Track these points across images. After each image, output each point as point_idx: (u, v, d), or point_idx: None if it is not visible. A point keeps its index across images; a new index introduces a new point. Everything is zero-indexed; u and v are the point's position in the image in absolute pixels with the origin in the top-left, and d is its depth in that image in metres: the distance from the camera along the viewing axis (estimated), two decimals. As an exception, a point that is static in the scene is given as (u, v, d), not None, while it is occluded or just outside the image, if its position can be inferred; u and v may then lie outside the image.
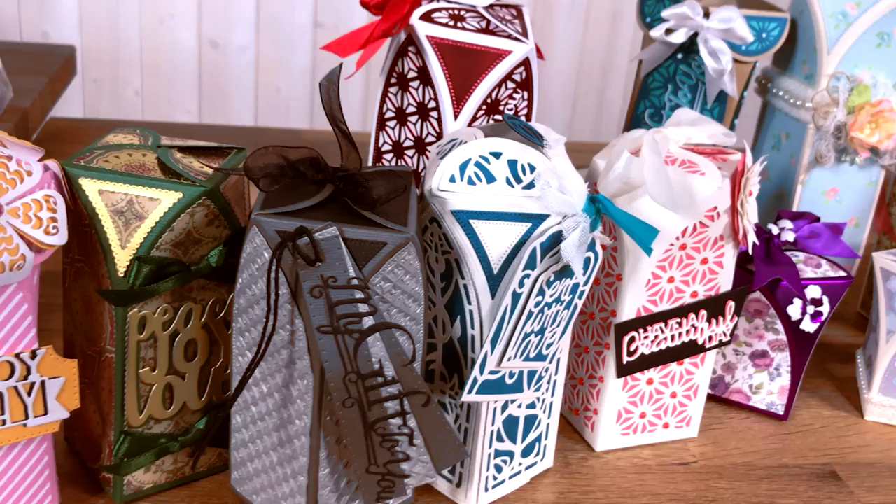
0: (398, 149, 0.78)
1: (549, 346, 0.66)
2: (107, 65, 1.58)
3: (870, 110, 0.88)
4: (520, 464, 0.71)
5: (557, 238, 0.62)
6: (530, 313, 0.63)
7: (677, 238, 0.70)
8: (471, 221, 0.61)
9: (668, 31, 0.89)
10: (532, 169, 0.62)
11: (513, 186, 0.62)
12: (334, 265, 0.56)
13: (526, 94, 0.76)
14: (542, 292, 0.62)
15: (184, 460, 0.68)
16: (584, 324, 0.77)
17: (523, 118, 0.78)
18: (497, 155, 0.62)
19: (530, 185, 0.62)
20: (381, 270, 0.57)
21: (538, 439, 0.72)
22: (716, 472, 0.76)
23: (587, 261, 0.65)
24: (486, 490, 0.69)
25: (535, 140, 0.64)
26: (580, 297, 0.67)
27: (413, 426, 0.60)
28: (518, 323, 0.62)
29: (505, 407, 0.67)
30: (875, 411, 0.85)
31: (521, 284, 0.61)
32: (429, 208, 0.63)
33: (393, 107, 0.77)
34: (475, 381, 0.63)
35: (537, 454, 0.72)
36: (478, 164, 0.62)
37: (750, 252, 0.74)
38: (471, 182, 0.62)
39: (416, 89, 0.75)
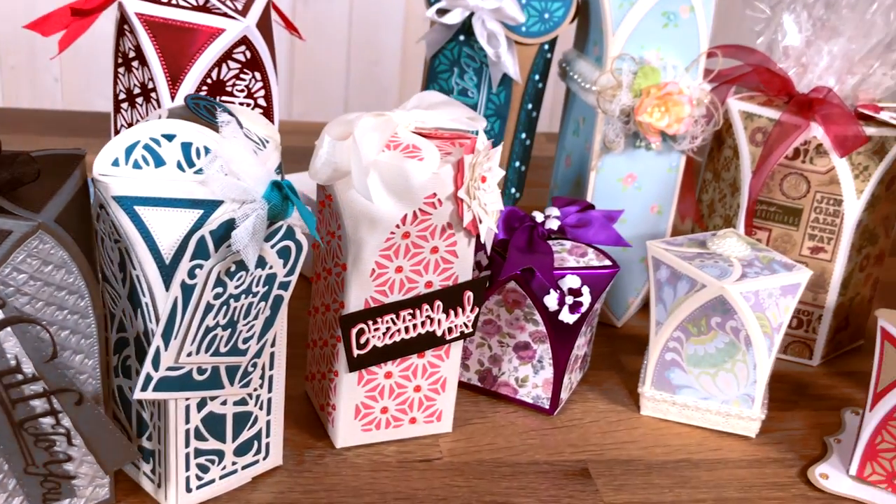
0: (133, 132, 0.75)
1: (247, 340, 0.63)
2: (24, 52, 1.53)
3: (655, 93, 0.85)
4: (234, 463, 0.68)
5: (231, 226, 0.58)
6: (210, 306, 0.59)
7: (398, 226, 0.67)
8: (136, 208, 0.58)
9: (443, 12, 0.85)
10: (209, 153, 0.59)
11: (184, 171, 0.59)
12: (-47, 255, 0.52)
13: (258, 75, 0.72)
14: (221, 283, 0.59)
15: None
16: (324, 316, 0.74)
17: (261, 100, 0.74)
18: (170, 137, 0.59)
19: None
20: (10, 260, 0.53)
21: (257, 437, 0.69)
22: (458, 469, 0.73)
23: (287, 251, 0.62)
24: (190, 490, 0.66)
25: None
26: (285, 289, 0.64)
27: (68, 425, 0.57)
28: (194, 316, 0.59)
29: (203, 404, 0.64)
30: (649, 406, 0.82)
31: (192, 275, 0.58)
32: (97, 194, 0.59)
33: (123, 88, 0.74)
34: (149, 377, 0.60)
35: (257, 452, 0.69)
36: (147, 147, 0.58)
37: (482, 241, 0.70)
38: (137, 166, 0.58)
39: (137, 69, 0.71)
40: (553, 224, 0.80)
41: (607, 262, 0.79)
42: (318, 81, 1.63)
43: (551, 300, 0.76)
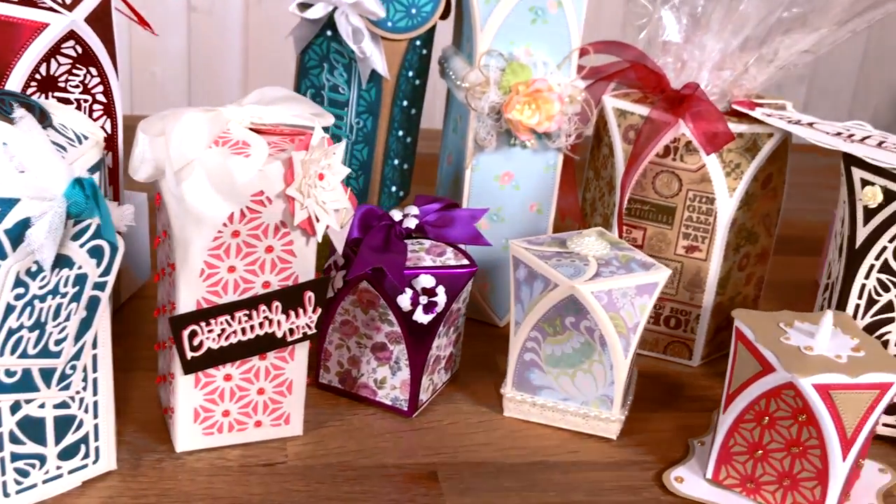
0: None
1: (59, 342, 0.62)
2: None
3: (524, 91, 0.84)
4: (59, 467, 0.66)
5: (28, 225, 0.56)
6: (11, 307, 0.58)
7: (225, 225, 0.66)
8: (-72, 206, 0.56)
9: (306, 6, 0.84)
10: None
11: (-20, 168, 0.57)
12: None
13: (94, 70, 0.71)
14: (22, 284, 0.58)
15: None
16: (164, 317, 0.72)
17: (100, 95, 0.73)
18: (-33, 134, 0.57)
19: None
20: None
21: (84, 441, 0.67)
22: (301, 473, 0.72)
23: (99, 250, 0.61)
24: (8, 495, 0.64)
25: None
26: (101, 289, 0.62)
27: None
28: (-7, 317, 0.57)
29: (17, 407, 0.62)
30: (511, 407, 0.81)
31: (-13, 275, 0.56)
32: None
33: (-40, 85, 0.72)
34: (-53, 380, 0.58)
35: (86, 456, 0.67)
36: (-58, 144, 0.57)
37: (319, 240, 0.69)
38: (-70, 163, 0.57)
39: (-33, 65, 0.69)
40: (411, 223, 0.79)
41: (465, 262, 0.78)
42: (273, 78, 1.61)
43: (404, 300, 0.75)
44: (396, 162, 0.93)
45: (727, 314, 0.91)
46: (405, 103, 0.90)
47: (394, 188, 0.95)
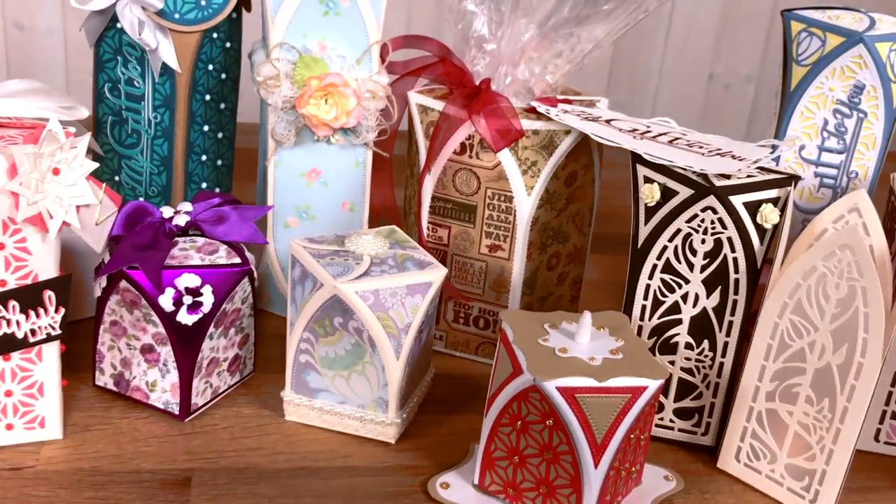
0: None
1: None
2: None
3: (317, 85, 0.82)
4: None
5: None
6: None
7: (-56, 221, 0.63)
8: None
9: (88, -3, 0.82)
10: None
11: None
12: None
13: None
14: None
15: None
16: None
17: None
18: None
19: None
20: None
21: None
22: (45, 478, 0.69)
23: None
24: None
25: None
26: None
27: None
28: None
29: None
30: (290, 410, 0.78)
31: None
32: None
33: None
34: None
35: None
36: None
37: (52, 237, 0.67)
38: None
39: None
40: (181, 220, 0.77)
41: (237, 261, 0.76)
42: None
43: (166, 300, 0.73)
44: (205, 158, 0.91)
45: (539, 315, 0.89)
46: (208, 97, 0.88)
47: (204, 184, 0.92)
